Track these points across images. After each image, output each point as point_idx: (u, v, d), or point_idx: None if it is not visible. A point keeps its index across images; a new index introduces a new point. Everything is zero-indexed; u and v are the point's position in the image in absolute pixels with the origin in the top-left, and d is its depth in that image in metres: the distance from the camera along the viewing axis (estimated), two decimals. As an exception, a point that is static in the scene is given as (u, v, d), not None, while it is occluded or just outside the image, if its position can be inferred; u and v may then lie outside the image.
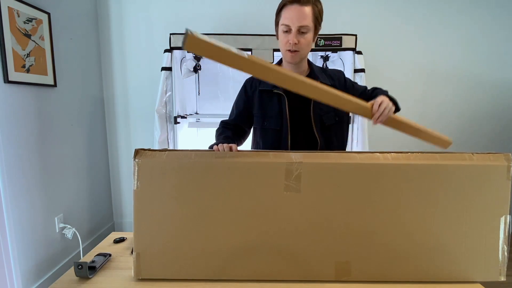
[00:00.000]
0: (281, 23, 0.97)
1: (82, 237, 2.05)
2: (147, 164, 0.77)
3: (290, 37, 0.95)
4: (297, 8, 0.93)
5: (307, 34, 0.96)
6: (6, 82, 1.49)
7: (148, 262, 0.76)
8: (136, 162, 0.77)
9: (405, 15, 2.42)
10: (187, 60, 2.01)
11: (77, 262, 0.81)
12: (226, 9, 2.34)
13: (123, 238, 1.07)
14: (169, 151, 0.79)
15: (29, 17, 1.62)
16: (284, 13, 0.95)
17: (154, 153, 0.78)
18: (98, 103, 2.36)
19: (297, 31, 0.94)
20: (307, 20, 0.94)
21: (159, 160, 0.77)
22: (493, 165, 0.77)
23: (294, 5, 0.93)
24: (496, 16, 2.44)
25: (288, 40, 0.96)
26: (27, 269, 1.62)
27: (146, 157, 0.77)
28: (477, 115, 2.57)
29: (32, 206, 1.67)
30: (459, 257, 0.78)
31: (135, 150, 0.78)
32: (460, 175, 0.77)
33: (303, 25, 0.93)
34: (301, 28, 0.94)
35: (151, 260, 0.76)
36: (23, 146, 1.60)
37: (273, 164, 0.78)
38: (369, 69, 2.23)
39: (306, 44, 0.97)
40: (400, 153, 0.82)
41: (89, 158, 2.21)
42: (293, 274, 0.80)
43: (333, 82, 1.07)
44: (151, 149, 0.79)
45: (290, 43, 0.95)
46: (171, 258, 0.76)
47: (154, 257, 0.76)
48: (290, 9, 0.94)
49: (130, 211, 2.58)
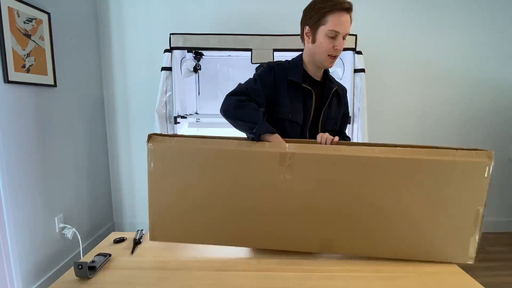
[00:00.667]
0: (330, 28, 0.96)
1: (82, 237, 2.05)
2: (159, 148, 0.87)
3: (338, 44, 0.97)
4: (347, 16, 0.96)
5: (345, 39, 1.00)
6: (6, 82, 1.49)
7: (160, 229, 0.90)
8: (149, 146, 0.87)
9: (405, 15, 2.42)
10: (187, 60, 2.01)
11: (77, 262, 0.81)
12: (226, 9, 2.34)
13: (123, 238, 1.07)
14: (178, 137, 0.89)
15: (29, 17, 1.62)
16: (333, 18, 0.95)
17: (164, 138, 0.89)
18: (98, 103, 2.36)
19: (343, 37, 0.98)
20: (350, 28, 0.98)
21: (169, 144, 0.88)
22: (473, 162, 0.83)
23: (343, 12, 0.95)
24: (496, 16, 2.44)
25: (335, 46, 0.98)
26: (27, 269, 1.62)
27: (158, 142, 0.88)
28: (477, 115, 2.57)
29: (32, 206, 1.67)
30: (436, 241, 0.88)
31: (148, 135, 0.88)
32: (442, 170, 0.84)
33: (348, 32, 0.98)
34: (346, 35, 0.98)
35: (162, 227, 0.90)
36: (23, 146, 1.60)
37: (269, 154, 0.87)
38: (369, 69, 2.23)
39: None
40: (387, 147, 0.88)
41: (89, 158, 2.21)
42: (282, 244, 0.92)
43: (342, 92, 1.16)
44: (162, 134, 0.90)
45: (338, 48, 0.98)
46: (180, 226, 0.89)
47: (165, 224, 0.89)
48: (341, 16, 0.95)
49: (130, 211, 2.58)
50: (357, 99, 1.89)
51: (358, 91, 1.89)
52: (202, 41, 1.85)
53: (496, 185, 2.65)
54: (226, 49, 1.87)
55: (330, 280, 0.83)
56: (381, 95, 2.45)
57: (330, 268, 0.89)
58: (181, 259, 0.93)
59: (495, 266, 2.12)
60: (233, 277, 0.84)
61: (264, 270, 0.87)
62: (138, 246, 1.01)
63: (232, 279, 0.83)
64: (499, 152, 2.61)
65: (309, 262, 0.92)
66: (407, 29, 2.43)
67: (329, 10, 0.95)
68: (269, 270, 0.87)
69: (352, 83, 1.89)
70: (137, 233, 1.07)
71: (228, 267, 0.89)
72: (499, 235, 2.59)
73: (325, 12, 0.96)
